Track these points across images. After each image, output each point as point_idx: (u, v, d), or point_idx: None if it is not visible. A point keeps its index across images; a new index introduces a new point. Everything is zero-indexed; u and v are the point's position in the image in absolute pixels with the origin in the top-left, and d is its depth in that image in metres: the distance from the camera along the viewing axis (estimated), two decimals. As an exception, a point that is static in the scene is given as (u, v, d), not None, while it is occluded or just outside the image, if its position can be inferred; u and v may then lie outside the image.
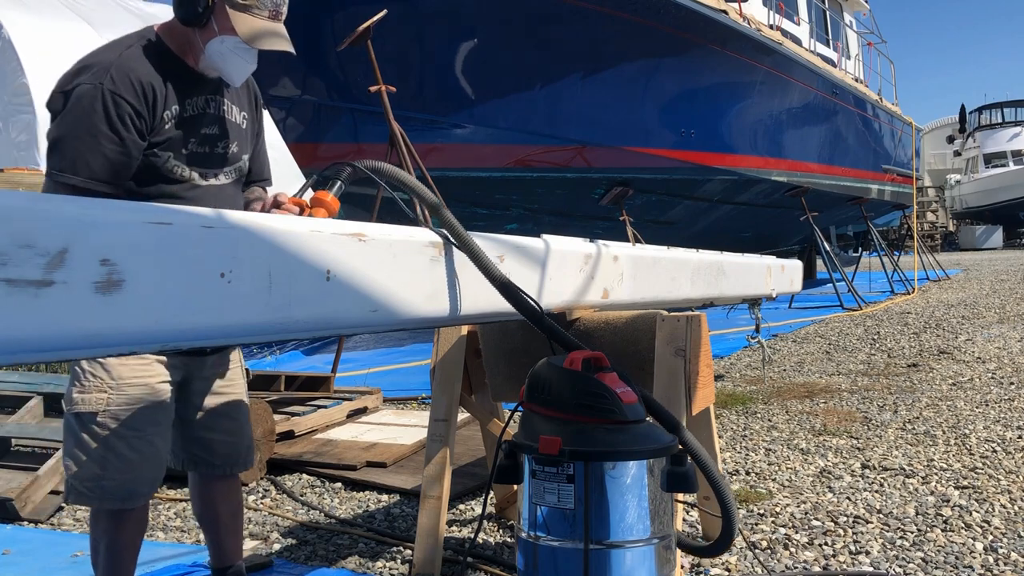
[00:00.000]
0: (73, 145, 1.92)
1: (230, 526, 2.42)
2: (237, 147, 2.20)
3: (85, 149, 1.91)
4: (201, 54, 2.04)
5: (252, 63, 2.08)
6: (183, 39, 2.05)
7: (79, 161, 1.91)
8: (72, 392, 2.05)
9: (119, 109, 1.92)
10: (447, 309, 1.78)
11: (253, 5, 1.98)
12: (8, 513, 3.40)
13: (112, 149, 1.93)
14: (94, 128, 1.91)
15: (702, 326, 2.47)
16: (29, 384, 4.13)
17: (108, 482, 2.04)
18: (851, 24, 17.62)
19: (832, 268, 12.42)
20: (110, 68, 1.94)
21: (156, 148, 2.01)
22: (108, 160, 1.93)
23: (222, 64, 2.04)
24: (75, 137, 1.92)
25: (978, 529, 3.01)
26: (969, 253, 30.40)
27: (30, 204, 1.02)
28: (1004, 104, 39.95)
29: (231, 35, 1.99)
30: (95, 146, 1.91)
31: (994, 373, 6.09)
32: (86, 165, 1.92)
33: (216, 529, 2.41)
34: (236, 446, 2.34)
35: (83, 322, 1.05)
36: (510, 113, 8.24)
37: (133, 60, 1.98)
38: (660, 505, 1.85)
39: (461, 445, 3.93)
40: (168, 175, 2.05)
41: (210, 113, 2.11)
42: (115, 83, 1.93)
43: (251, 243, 1.30)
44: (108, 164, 1.93)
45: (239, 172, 2.23)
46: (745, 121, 10.84)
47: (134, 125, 1.95)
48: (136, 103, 1.95)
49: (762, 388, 5.83)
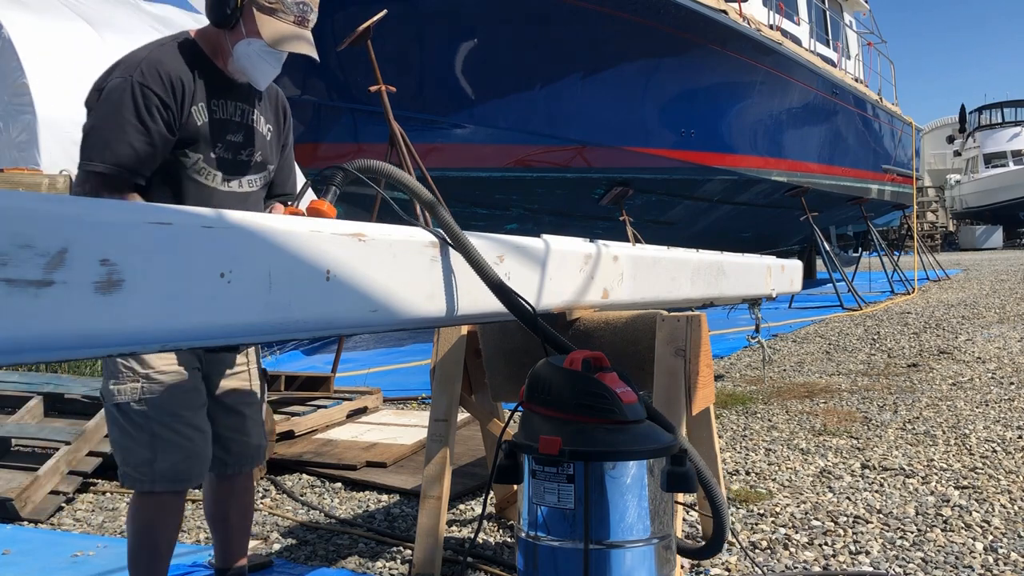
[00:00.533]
0: (101, 135, 1.99)
1: (238, 525, 2.44)
2: (261, 156, 2.25)
3: (112, 138, 1.98)
4: (230, 56, 2.10)
5: (277, 66, 2.14)
6: (215, 41, 2.12)
7: (106, 149, 1.98)
8: (108, 385, 2.12)
9: (147, 100, 1.99)
10: (447, 309, 1.79)
11: (279, 9, 2.04)
12: (8, 513, 3.40)
13: (138, 138, 1.99)
14: (122, 118, 1.98)
15: (702, 326, 2.47)
16: (29, 384, 4.13)
17: (160, 464, 2.11)
18: (851, 24, 17.62)
19: (832, 268, 12.42)
20: (141, 63, 2.02)
21: (187, 149, 2.08)
22: (134, 149, 1.99)
23: (248, 66, 2.10)
24: (104, 127, 1.99)
25: (978, 529, 3.01)
26: (969, 253, 30.41)
27: (30, 204, 1.02)
28: (1004, 104, 39.95)
29: (257, 38, 2.05)
30: (121, 135, 1.98)
31: (994, 373, 6.09)
32: (112, 152, 1.98)
33: (225, 528, 2.43)
34: (249, 444, 2.37)
35: (83, 322, 1.05)
36: (510, 113, 8.24)
37: (164, 55, 2.06)
38: (660, 505, 1.85)
39: (461, 445, 3.93)
40: (195, 176, 2.11)
41: (237, 120, 2.17)
42: (144, 75, 2.00)
43: (251, 243, 1.30)
44: (133, 153, 1.99)
45: (264, 180, 2.29)
46: (745, 121, 10.84)
47: (161, 116, 2.01)
48: (163, 94, 2.01)
49: (762, 388, 5.83)
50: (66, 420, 3.94)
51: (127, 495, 3.73)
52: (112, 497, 3.72)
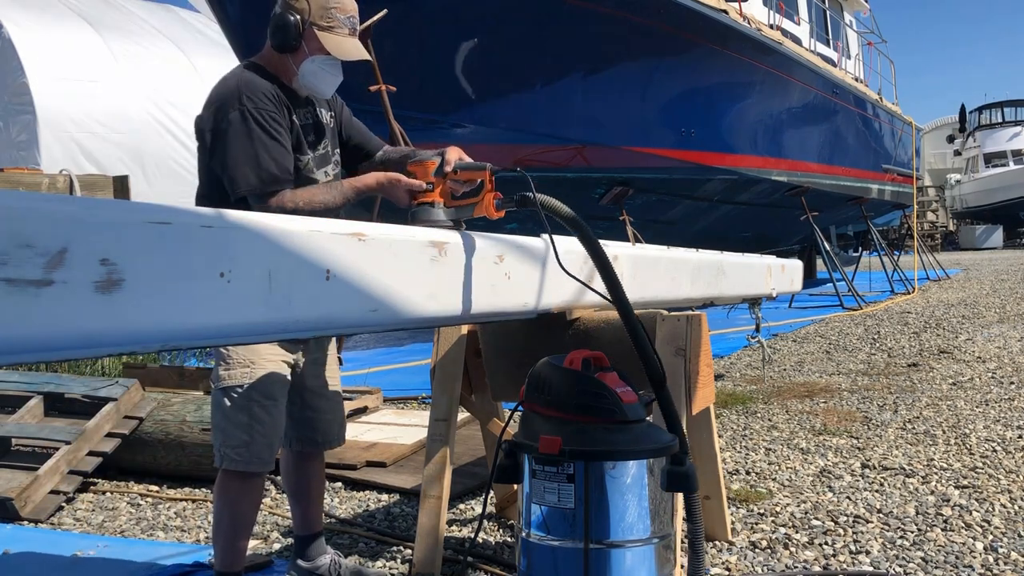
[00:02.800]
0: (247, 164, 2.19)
1: (317, 496, 2.72)
2: (331, 146, 2.50)
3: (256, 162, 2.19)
4: (295, 75, 2.33)
5: (339, 76, 2.38)
6: (279, 64, 2.34)
7: (258, 172, 2.19)
8: (219, 370, 2.34)
9: (264, 117, 2.22)
10: (447, 309, 1.79)
11: (336, 26, 2.29)
12: (8, 513, 3.40)
13: (276, 148, 2.23)
14: (255, 141, 2.20)
15: (702, 326, 2.47)
16: (29, 384, 4.13)
17: (255, 446, 2.32)
18: (851, 24, 17.60)
19: (832, 268, 12.41)
20: (240, 91, 2.23)
21: (298, 154, 2.33)
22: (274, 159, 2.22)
23: (314, 80, 2.34)
24: (244, 156, 2.20)
25: (978, 529, 3.01)
26: (969, 253, 30.38)
27: (30, 204, 1.02)
28: (1004, 104, 39.89)
29: (320, 54, 2.29)
30: (264, 154, 2.20)
31: (994, 373, 6.09)
32: (265, 172, 2.19)
33: (307, 500, 2.68)
34: (333, 424, 2.63)
35: (83, 322, 1.05)
36: (510, 113, 8.23)
37: (252, 79, 2.28)
38: (660, 505, 1.85)
39: (461, 445, 3.93)
40: (308, 176, 2.37)
41: (311, 122, 2.42)
42: (251, 99, 2.23)
43: (251, 242, 1.30)
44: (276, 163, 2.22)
45: (336, 167, 2.52)
46: (745, 121, 10.83)
47: (281, 125, 2.26)
48: (273, 109, 2.25)
49: (762, 388, 5.83)
50: (66, 420, 3.94)
51: (127, 495, 3.73)
52: (112, 497, 3.72)
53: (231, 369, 2.32)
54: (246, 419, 2.31)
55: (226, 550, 2.41)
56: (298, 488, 2.67)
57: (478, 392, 2.91)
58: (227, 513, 2.41)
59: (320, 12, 2.27)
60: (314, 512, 2.71)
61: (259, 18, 2.69)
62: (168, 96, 11.11)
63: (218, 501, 2.44)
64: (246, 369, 2.32)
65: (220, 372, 2.34)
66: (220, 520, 2.43)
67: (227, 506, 2.41)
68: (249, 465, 2.33)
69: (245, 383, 2.31)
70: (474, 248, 1.90)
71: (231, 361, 2.33)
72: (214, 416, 2.38)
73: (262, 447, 2.33)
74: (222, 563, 2.41)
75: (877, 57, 20.42)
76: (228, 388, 2.32)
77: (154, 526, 3.34)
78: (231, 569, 2.41)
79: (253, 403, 2.32)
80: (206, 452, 3.78)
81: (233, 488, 2.39)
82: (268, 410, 2.34)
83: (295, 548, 2.71)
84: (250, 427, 2.31)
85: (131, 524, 3.37)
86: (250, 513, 2.45)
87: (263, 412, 2.33)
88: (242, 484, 2.39)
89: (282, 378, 2.39)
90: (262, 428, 2.33)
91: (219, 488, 2.42)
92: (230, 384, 2.32)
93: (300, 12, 2.27)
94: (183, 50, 11.95)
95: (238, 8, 6.51)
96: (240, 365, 2.32)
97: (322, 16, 2.28)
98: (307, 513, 2.69)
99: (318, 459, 2.70)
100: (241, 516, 2.42)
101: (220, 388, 2.34)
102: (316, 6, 2.27)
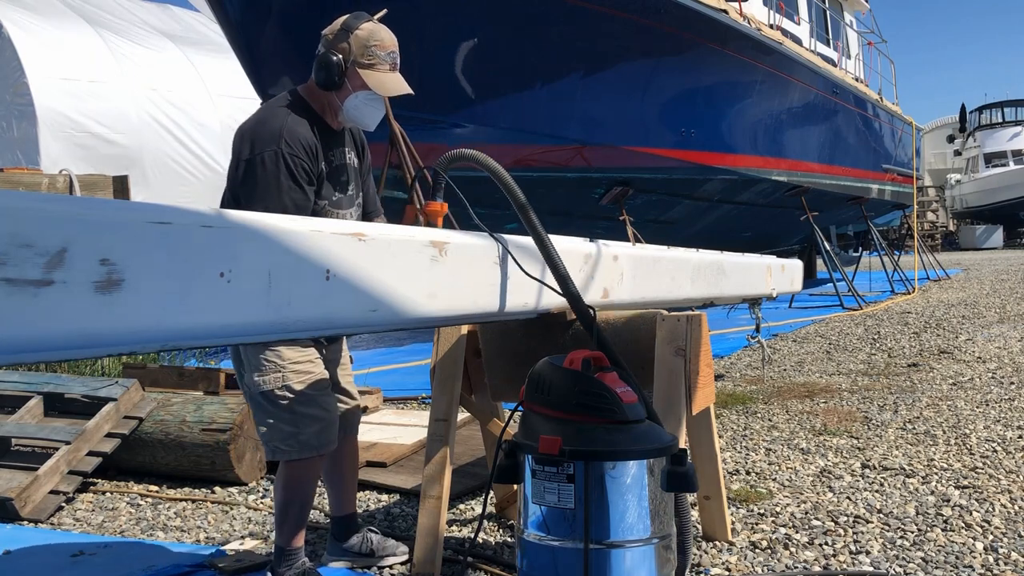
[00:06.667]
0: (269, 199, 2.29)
1: (350, 479, 2.88)
2: (355, 187, 2.63)
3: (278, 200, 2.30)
4: (339, 111, 2.47)
5: (382, 110, 2.52)
6: (323, 100, 2.47)
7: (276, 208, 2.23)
8: (253, 377, 2.45)
9: (296, 165, 2.34)
10: (447, 309, 1.79)
11: (377, 63, 2.41)
12: (8, 513, 3.40)
13: (298, 195, 2.35)
14: (280, 183, 2.33)
15: (702, 326, 2.47)
16: (29, 384, 4.13)
17: (303, 436, 2.46)
18: (851, 24, 17.60)
19: (832, 268, 12.41)
20: (282, 134, 2.35)
21: (316, 199, 2.44)
22: (295, 204, 2.33)
23: (358, 115, 2.48)
24: (267, 192, 2.32)
25: (978, 529, 3.01)
26: (969, 253, 30.38)
27: (30, 204, 1.02)
28: (1004, 104, 39.88)
29: (363, 90, 2.42)
30: (287, 194, 2.32)
31: (994, 373, 6.09)
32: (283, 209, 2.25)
33: (341, 483, 2.84)
34: (355, 412, 2.83)
35: (83, 322, 1.05)
36: (510, 113, 8.22)
37: (297, 124, 2.39)
38: (660, 505, 1.85)
39: (461, 445, 3.93)
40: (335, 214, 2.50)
41: (340, 163, 2.54)
42: (290, 146, 2.34)
43: (251, 243, 1.30)
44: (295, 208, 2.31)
45: (359, 208, 2.67)
46: (745, 121, 10.83)
47: (308, 175, 2.38)
48: (306, 160, 2.37)
49: (762, 388, 5.83)
50: (66, 420, 3.94)
51: (127, 495, 3.73)
52: (112, 497, 3.72)
53: (264, 375, 2.44)
54: (288, 415, 2.44)
55: (292, 529, 2.54)
56: (332, 473, 2.82)
57: (478, 392, 2.91)
58: (293, 493, 2.53)
59: (361, 51, 2.39)
60: (349, 494, 2.87)
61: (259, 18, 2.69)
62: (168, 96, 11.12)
63: (280, 484, 2.54)
64: (278, 374, 2.44)
65: (255, 378, 2.46)
66: (286, 500, 2.53)
67: (292, 486, 2.53)
68: (301, 452, 2.46)
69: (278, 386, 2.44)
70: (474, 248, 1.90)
71: (264, 367, 2.45)
72: (257, 419, 2.52)
73: (312, 434, 2.46)
74: (285, 541, 2.54)
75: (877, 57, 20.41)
76: (266, 392, 2.45)
77: (154, 526, 3.34)
78: (293, 545, 2.54)
79: (292, 401, 2.45)
80: (206, 452, 3.78)
81: (295, 471, 2.51)
82: (309, 404, 2.46)
83: (331, 531, 2.87)
84: (295, 420, 2.44)
85: (131, 524, 3.37)
86: (312, 489, 2.60)
87: (304, 407, 2.45)
88: (303, 467, 2.51)
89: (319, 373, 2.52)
90: (309, 419, 2.46)
91: (282, 476, 2.55)
92: (266, 388, 2.45)
93: (342, 52, 2.39)
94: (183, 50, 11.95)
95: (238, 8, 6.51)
96: (272, 370, 2.44)
97: (363, 55, 2.39)
98: (339, 495, 2.85)
99: (350, 444, 2.83)
100: (304, 496, 2.55)
101: (259, 392, 2.46)
102: (357, 45, 2.39)
